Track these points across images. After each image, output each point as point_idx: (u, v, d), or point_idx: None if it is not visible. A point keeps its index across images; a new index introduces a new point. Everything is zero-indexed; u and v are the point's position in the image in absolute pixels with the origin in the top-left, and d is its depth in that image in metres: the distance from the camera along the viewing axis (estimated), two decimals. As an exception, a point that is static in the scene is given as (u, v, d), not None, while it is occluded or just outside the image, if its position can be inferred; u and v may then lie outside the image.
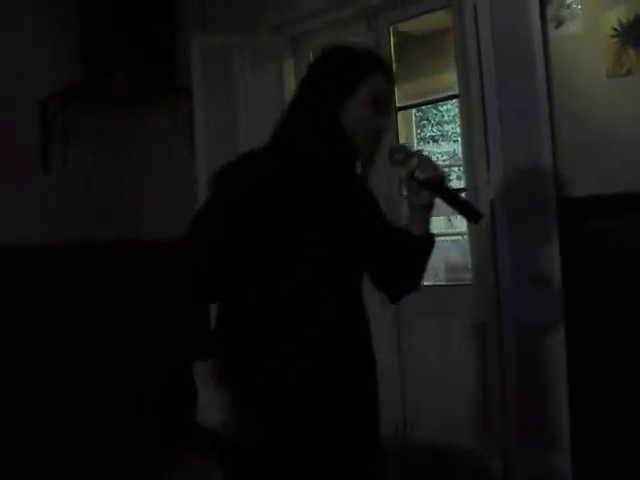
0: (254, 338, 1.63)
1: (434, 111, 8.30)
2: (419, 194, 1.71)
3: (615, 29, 2.71)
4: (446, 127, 8.54)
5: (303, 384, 1.64)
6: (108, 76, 3.98)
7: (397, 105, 3.85)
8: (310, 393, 1.65)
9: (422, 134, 8.10)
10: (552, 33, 2.90)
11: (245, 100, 3.92)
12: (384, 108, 1.71)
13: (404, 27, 4.34)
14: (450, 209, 1.73)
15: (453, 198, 1.73)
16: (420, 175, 1.67)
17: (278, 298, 1.64)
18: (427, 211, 1.76)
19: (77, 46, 4.08)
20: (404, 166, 1.71)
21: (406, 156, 1.72)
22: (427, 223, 1.78)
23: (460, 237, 7.01)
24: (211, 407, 1.59)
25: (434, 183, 1.69)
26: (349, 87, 1.65)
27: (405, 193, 1.76)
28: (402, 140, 3.92)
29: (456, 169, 8.00)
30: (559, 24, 2.88)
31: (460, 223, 7.25)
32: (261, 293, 1.65)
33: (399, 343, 3.74)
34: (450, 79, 4.11)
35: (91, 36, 4.06)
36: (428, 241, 1.81)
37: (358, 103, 1.65)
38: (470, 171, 3.39)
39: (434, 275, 6.36)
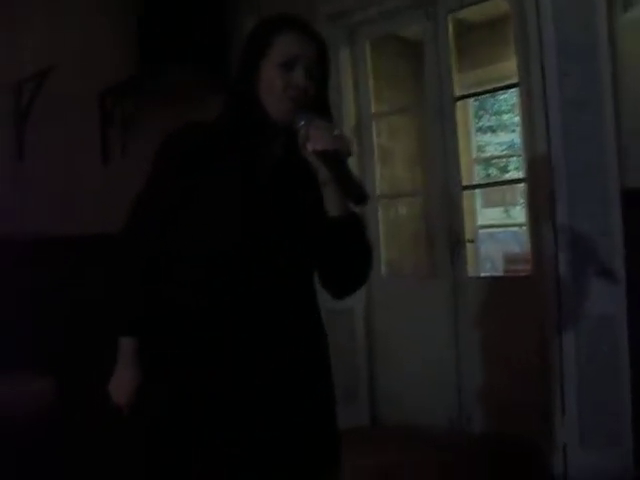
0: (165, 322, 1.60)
1: (492, 100, 8.17)
2: (319, 168, 1.49)
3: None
4: (504, 117, 8.40)
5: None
6: (165, 67, 4.02)
7: (455, 95, 3.80)
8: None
9: (479, 124, 7.98)
10: (620, 17, 2.80)
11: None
12: (299, 69, 1.55)
13: (462, 15, 4.27)
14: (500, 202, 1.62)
15: (344, 177, 1.46)
16: (312, 146, 1.47)
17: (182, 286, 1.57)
18: (334, 188, 1.49)
19: (134, 38, 4.14)
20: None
21: (306, 123, 1.50)
22: (336, 202, 1.50)
23: (518, 228, 6.92)
24: (120, 385, 1.64)
25: (327, 156, 1.46)
26: (259, 53, 1.58)
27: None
28: (460, 131, 3.87)
29: (514, 159, 7.87)
30: (628, 7, 2.78)
31: (518, 214, 7.15)
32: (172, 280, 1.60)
33: (456, 336, 3.70)
34: (509, 68, 4.04)
35: (148, 28, 4.11)
36: (347, 222, 1.52)
37: (268, 67, 1.56)
38: (530, 162, 3.32)
39: (492, 266, 6.29)
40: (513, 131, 7.97)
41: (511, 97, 7.41)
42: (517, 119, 7.12)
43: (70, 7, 4.06)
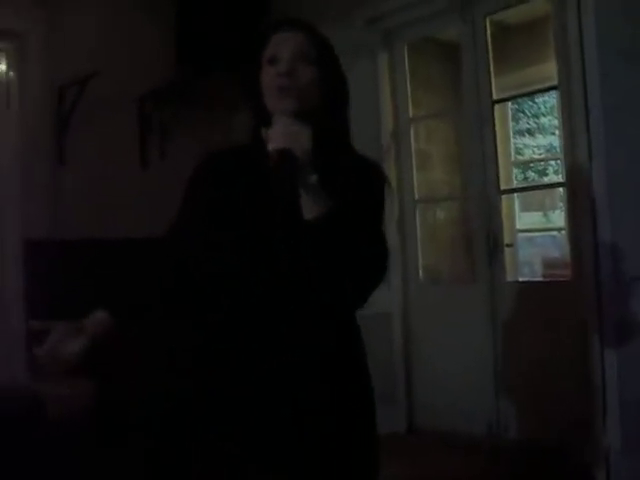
0: None
1: (530, 103, 8.07)
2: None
3: None
4: (542, 119, 8.29)
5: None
6: (204, 73, 4.05)
7: (493, 98, 3.77)
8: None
9: (517, 127, 7.89)
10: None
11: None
12: (282, 60, 1.52)
13: (500, 17, 4.24)
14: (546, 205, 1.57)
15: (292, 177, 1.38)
16: (270, 146, 1.38)
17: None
18: (304, 192, 1.40)
19: (174, 43, 4.18)
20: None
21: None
22: (306, 205, 1.40)
23: (557, 232, 6.83)
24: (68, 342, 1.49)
25: (282, 156, 1.36)
26: (257, 56, 1.57)
27: None
28: (498, 134, 3.83)
29: (553, 163, 7.77)
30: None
31: (557, 218, 7.05)
32: None
33: (495, 341, 3.66)
34: (548, 70, 3.99)
35: (186, 33, 4.15)
36: (316, 227, 1.39)
37: (263, 68, 1.55)
38: (570, 165, 3.27)
39: (531, 271, 6.21)
40: (552, 134, 7.86)
41: (550, 99, 7.32)
42: (556, 122, 7.03)
43: (110, 13, 4.12)
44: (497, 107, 3.87)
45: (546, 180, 7.88)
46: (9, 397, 3.36)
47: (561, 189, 4.55)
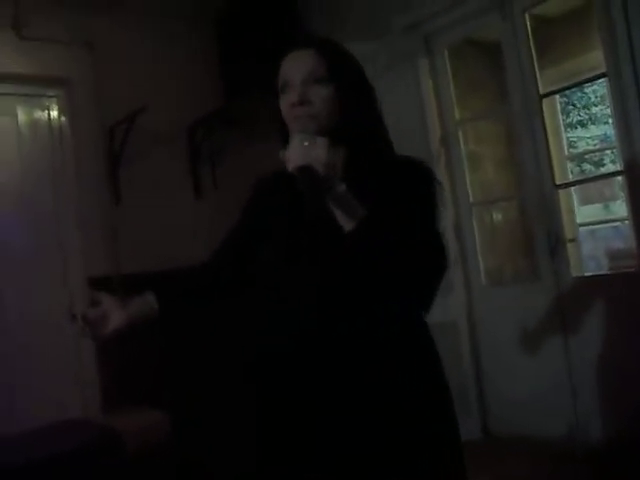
0: None
1: (579, 94, 7.92)
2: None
3: None
4: (594, 109, 8.12)
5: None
6: (248, 98, 4.10)
7: (540, 92, 3.70)
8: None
9: (568, 120, 7.74)
10: None
11: (383, 106, 3.91)
12: (291, 88, 1.54)
13: (539, 10, 4.17)
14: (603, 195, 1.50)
15: (313, 192, 1.36)
16: (289, 167, 1.39)
17: None
18: (335, 205, 1.40)
19: (218, 71, 4.25)
20: None
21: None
22: (341, 218, 1.40)
23: (620, 223, 6.66)
24: (113, 312, 1.63)
25: (303, 174, 1.36)
26: (274, 83, 1.62)
27: None
28: (549, 129, 3.76)
29: (609, 152, 7.59)
30: None
31: (619, 208, 6.88)
32: None
33: (565, 338, 3.57)
34: (594, 59, 3.91)
35: (229, 61, 4.21)
36: (351, 237, 1.40)
37: (280, 96, 1.59)
38: (627, 153, 3.19)
39: (596, 265, 6.06)
40: (605, 123, 7.69)
41: (600, 88, 7.16)
42: (608, 110, 6.88)
43: (155, 51, 4.22)
44: (545, 101, 3.80)
45: (603, 170, 7.70)
46: (87, 431, 3.42)
47: (620, 178, 4.43)
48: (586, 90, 7.79)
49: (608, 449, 3.32)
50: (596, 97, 7.97)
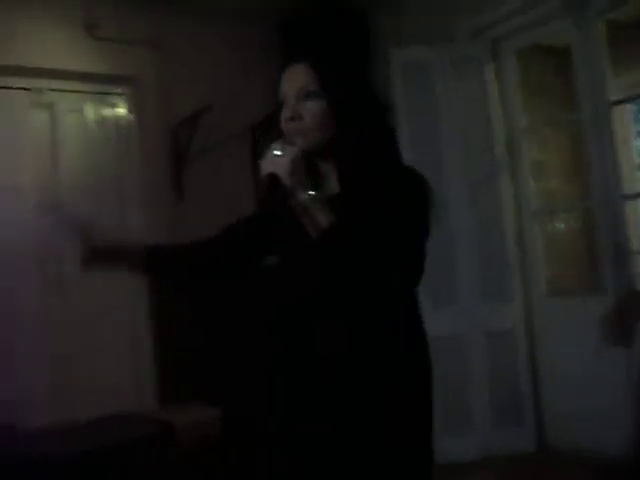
0: None
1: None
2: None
3: None
4: (669, 118, 7.85)
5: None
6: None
7: (610, 100, 3.61)
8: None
9: (639, 128, 7.51)
10: None
11: (447, 111, 3.87)
12: (286, 104, 1.58)
13: (612, 15, 4.05)
14: None
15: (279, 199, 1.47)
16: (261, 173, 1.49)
17: None
18: (299, 212, 1.47)
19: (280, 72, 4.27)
20: None
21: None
22: (307, 225, 1.47)
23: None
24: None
25: (270, 181, 1.46)
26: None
27: None
28: (618, 138, 3.66)
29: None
30: None
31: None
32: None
33: (626, 353, 3.46)
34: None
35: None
36: (314, 244, 1.46)
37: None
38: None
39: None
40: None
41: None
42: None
43: (219, 50, 4.27)
44: (615, 109, 3.70)
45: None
46: (142, 424, 3.48)
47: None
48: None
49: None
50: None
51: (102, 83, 4.08)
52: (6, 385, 3.58)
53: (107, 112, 4.11)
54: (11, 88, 3.90)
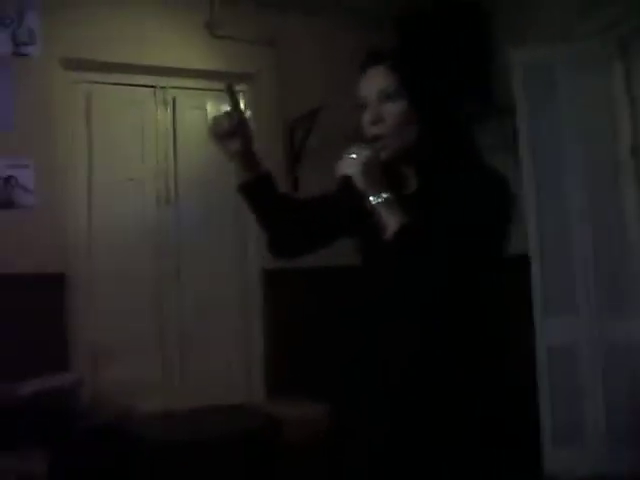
0: None
1: None
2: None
3: None
4: None
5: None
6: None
7: None
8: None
9: None
10: None
11: (570, 112, 3.72)
12: (368, 109, 1.58)
13: None
14: None
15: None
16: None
17: None
18: (381, 213, 1.49)
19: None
20: None
21: None
22: (382, 224, 1.49)
23: None
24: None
25: (345, 183, 1.52)
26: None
27: None
28: None
29: None
30: None
31: None
32: None
33: None
34: None
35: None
36: (391, 245, 1.47)
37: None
38: None
39: None
40: None
41: None
42: None
43: (334, 44, 4.29)
44: None
45: None
46: (249, 415, 3.54)
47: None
48: None
49: None
50: None
51: (222, 80, 4.18)
52: (121, 370, 3.74)
53: (226, 108, 4.20)
54: (137, 86, 4.09)
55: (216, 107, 4.16)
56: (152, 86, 4.12)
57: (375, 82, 1.58)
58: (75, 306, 3.78)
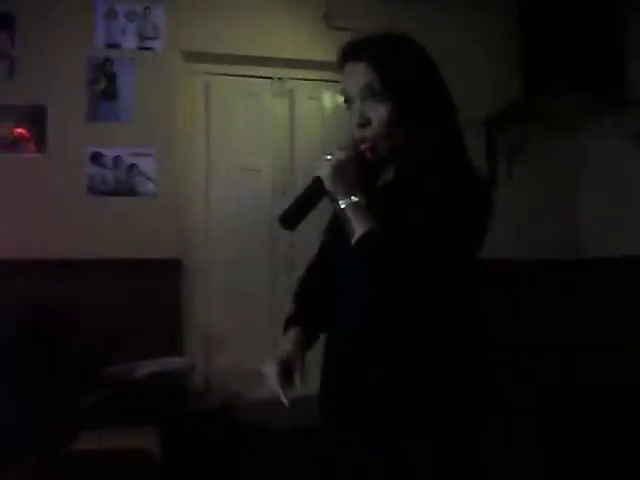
0: None
1: None
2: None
3: None
4: None
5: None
6: (551, 93, 3.89)
7: None
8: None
9: None
10: None
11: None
12: (353, 106, 1.52)
13: None
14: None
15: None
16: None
17: None
18: (348, 216, 1.46)
19: (519, 64, 4.09)
20: None
21: None
22: (349, 227, 1.45)
23: None
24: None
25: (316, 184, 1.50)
26: None
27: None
28: None
29: None
30: None
31: None
32: None
33: None
34: None
35: (533, 53, 4.03)
36: (355, 249, 1.43)
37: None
38: None
39: None
40: None
41: None
42: None
43: (457, 35, 4.18)
44: None
45: None
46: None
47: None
48: None
49: None
50: None
51: (339, 72, 4.17)
52: (233, 357, 3.80)
53: (341, 100, 4.19)
54: (256, 77, 4.14)
55: (332, 98, 4.15)
56: (270, 77, 4.16)
57: (358, 79, 1.52)
58: (190, 292, 3.87)
